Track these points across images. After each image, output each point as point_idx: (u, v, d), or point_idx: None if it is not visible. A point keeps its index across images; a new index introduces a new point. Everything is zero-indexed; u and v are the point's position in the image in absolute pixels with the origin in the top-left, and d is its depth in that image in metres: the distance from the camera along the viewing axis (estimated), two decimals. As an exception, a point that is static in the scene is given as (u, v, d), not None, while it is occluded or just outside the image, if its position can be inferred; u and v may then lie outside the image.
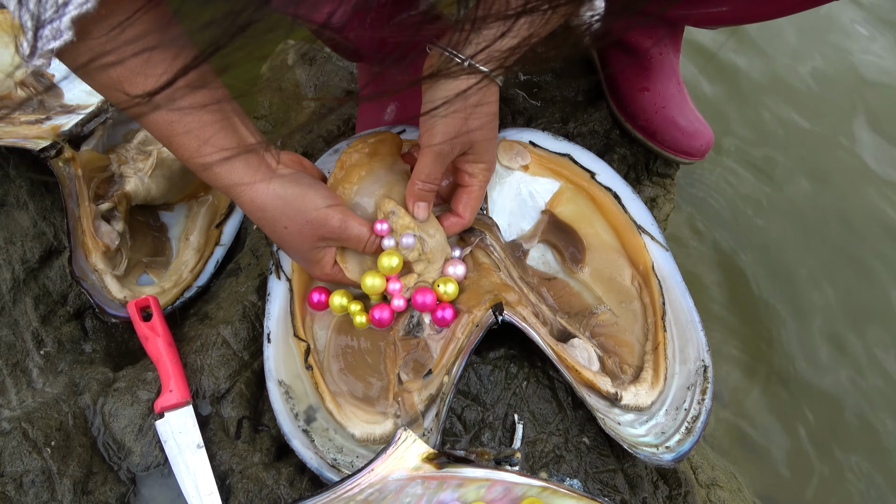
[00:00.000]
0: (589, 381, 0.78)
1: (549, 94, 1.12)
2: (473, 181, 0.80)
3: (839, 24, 1.75)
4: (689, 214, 1.44)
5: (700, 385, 0.82)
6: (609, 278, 0.89)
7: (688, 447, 0.77)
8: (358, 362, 0.81)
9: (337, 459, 0.76)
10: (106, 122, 0.97)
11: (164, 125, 0.68)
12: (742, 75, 1.64)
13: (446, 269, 0.82)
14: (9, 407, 0.80)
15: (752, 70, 1.66)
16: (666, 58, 1.05)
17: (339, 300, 0.83)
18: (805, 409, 1.26)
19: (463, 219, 0.82)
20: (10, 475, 0.73)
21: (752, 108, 1.59)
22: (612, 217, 0.91)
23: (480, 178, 0.79)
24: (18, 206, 0.93)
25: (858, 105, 1.63)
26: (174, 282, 0.94)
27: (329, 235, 0.75)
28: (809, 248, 1.43)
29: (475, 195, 0.81)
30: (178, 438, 0.77)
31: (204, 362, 0.83)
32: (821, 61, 1.68)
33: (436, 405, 0.76)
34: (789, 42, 1.70)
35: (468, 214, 0.81)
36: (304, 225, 0.73)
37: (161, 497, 0.77)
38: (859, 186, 1.52)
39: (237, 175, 0.71)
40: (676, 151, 1.05)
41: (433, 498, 0.66)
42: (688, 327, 0.85)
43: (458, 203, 0.81)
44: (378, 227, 0.78)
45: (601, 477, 0.79)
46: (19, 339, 0.85)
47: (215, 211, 1.03)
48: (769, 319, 1.34)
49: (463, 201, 0.81)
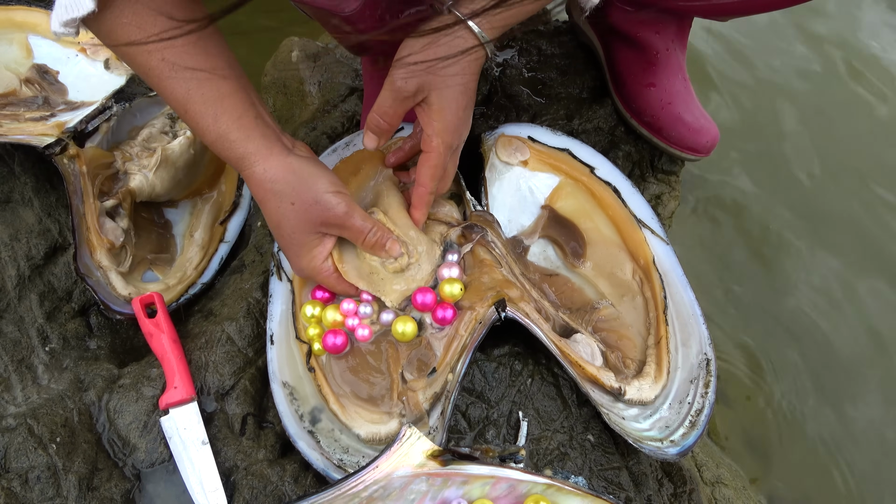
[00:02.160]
0: (592, 376, 0.78)
1: (554, 90, 1.12)
2: (431, 145, 0.75)
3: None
4: (695, 210, 1.44)
5: (703, 378, 0.82)
6: (610, 273, 0.88)
7: (692, 441, 0.77)
8: (361, 363, 0.81)
9: (343, 460, 0.76)
10: (110, 119, 0.97)
11: (182, 93, 0.69)
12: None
13: (440, 273, 0.81)
14: (14, 403, 0.80)
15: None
16: (672, 53, 1.04)
17: (311, 310, 0.82)
18: (812, 407, 1.26)
19: (424, 187, 0.78)
20: (15, 471, 0.74)
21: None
22: (612, 211, 0.91)
23: (437, 141, 0.74)
24: (24, 203, 0.93)
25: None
26: (179, 279, 0.94)
27: (333, 221, 0.75)
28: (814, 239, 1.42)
29: (432, 161, 0.76)
30: (183, 435, 0.77)
31: (208, 359, 0.83)
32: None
33: (441, 403, 0.76)
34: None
35: (427, 181, 0.78)
36: (311, 204, 0.73)
37: (166, 493, 0.77)
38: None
39: (254, 145, 0.71)
40: (682, 148, 1.05)
41: (438, 495, 0.66)
42: (690, 321, 0.84)
43: (419, 169, 0.78)
44: (344, 308, 0.80)
45: (606, 474, 0.79)
46: (24, 335, 0.86)
47: (220, 208, 1.03)
48: (774, 316, 1.34)
49: (422, 167, 0.77)
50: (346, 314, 0.81)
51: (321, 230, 0.76)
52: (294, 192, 0.72)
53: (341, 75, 1.21)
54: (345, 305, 0.81)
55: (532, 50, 1.17)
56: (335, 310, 0.81)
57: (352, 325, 0.81)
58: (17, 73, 1.03)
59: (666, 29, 1.03)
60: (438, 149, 0.75)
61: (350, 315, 0.81)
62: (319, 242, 0.77)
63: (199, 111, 0.70)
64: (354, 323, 0.81)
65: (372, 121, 0.75)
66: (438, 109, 0.73)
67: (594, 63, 1.15)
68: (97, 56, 1.07)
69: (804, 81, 1.65)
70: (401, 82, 0.71)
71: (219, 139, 0.71)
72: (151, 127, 1.01)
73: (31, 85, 1.02)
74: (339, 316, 0.81)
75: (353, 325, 0.81)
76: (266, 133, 0.73)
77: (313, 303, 0.82)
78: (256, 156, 0.72)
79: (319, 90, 1.21)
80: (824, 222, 1.46)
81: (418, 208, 0.81)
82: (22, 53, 1.06)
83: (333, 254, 0.79)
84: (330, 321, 0.81)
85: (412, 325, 0.78)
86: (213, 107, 0.70)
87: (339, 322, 0.81)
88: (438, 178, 0.78)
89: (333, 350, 0.80)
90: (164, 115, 1.04)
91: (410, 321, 0.78)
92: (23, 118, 0.95)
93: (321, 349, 0.80)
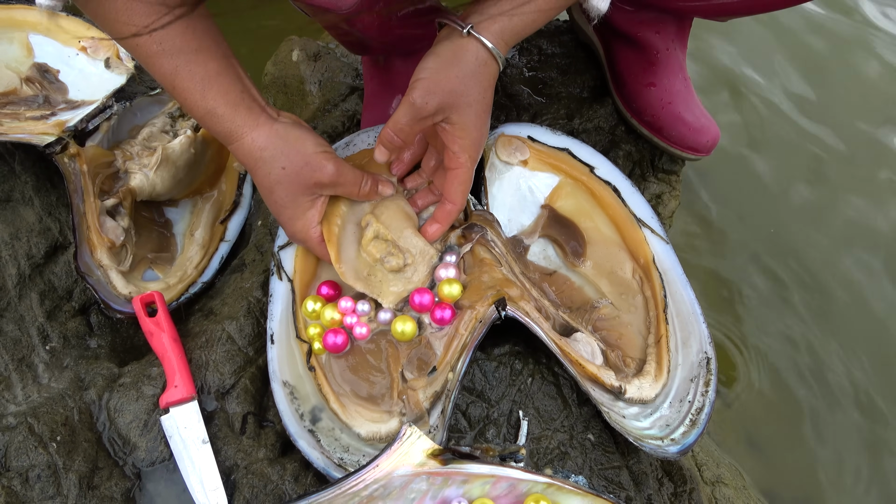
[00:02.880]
0: (593, 374, 0.78)
1: (555, 90, 1.12)
2: (459, 162, 0.77)
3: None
4: (694, 209, 1.44)
5: (703, 377, 0.82)
6: (610, 272, 0.89)
7: (693, 439, 0.77)
8: (361, 362, 0.81)
9: (343, 459, 0.76)
10: (111, 118, 0.97)
11: (170, 70, 0.70)
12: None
13: (437, 274, 0.81)
14: (14, 402, 0.80)
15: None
16: (672, 53, 1.04)
17: (313, 305, 0.82)
18: (813, 405, 1.26)
19: (455, 204, 0.80)
20: (16, 470, 0.74)
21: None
22: (611, 211, 0.91)
23: (464, 157, 0.77)
24: (24, 202, 0.93)
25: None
26: (179, 277, 0.94)
27: (325, 181, 0.76)
28: (819, 241, 1.42)
29: (462, 178, 0.78)
30: (184, 434, 0.77)
31: (209, 358, 0.83)
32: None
33: (441, 402, 0.76)
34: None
35: (458, 198, 0.80)
36: (302, 166, 0.74)
37: (166, 492, 0.77)
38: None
39: (241, 118, 0.73)
40: (682, 147, 1.05)
41: (438, 494, 0.66)
42: (690, 320, 0.84)
43: (448, 187, 0.79)
44: (342, 306, 0.81)
45: (606, 473, 0.79)
46: (25, 334, 0.86)
47: (220, 207, 1.03)
48: (776, 317, 1.34)
49: (451, 184, 0.79)
50: (344, 312, 0.81)
51: (314, 191, 0.77)
52: (284, 156, 0.74)
53: (342, 74, 1.21)
54: (342, 303, 0.81)
55: (532, 49, 1.17)
56: (333, 308, 0.81)
57: (350, 324, 0.81)
58: (18, 72, 1.03)
59: (666, 29, 1.03)
60: (466, 164, 0.77)
61: (348, 313, 0.81)
62: (312, 205, 0.78)
63: (187, 87, 0.71)
64: (353, 321, 0.81)
65: (386, 136, 0.76)
66: (462, 128, 0.75)
67: (595, 62, 1.15)
68: (97, 55, 1.07)
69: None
70: (421, 101, 0.72)
71: (206, 114, 0.73)
72: (152, 126, 1.01)
73: (31, 84, 1.02)
74: (337, 314, 0.81)
75: (351, 322, 0.81)
76: (252, 106, 0.74)
77: (315, 298, 0.83)
78: (244, 128, 0.73)
79: (320, 89, 1.21)
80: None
81: (442, 223, 0.82)
82: (22, 52, 1.06)
83: (332, 251, 0.79)
84: (328, 320, 0.81)
85: (412, 325, 0.78)
86: (200, 83, 0.71)
87: (338, 321, 0.81)
88: (468, 193, 0.81)
89: (334, 349, 0.80)
90: (164, 115, 1.04)
91: (410, 321, 0.78)
92: (23, 117, 0.95)
93: (321, 348, 0.80)
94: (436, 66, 0.72)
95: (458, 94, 0.73)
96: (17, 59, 1.05)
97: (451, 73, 0.72)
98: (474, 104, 0.74)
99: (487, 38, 0.72)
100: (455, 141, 0.76)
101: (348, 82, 1.19)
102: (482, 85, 0.74)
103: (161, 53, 0.69)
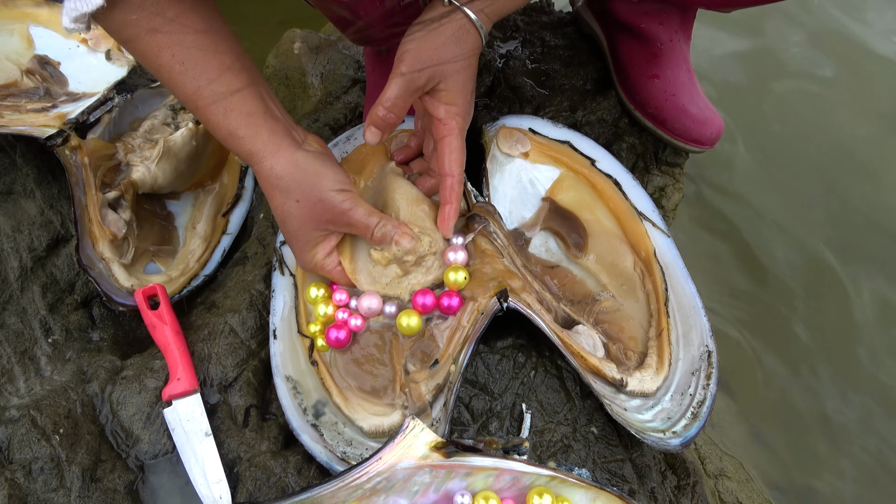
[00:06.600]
0: (594, 367, 0.78)
1: (558, 82, 1.11)
2: (448, 128, 0.76)
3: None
4: (698, 202, 1.43)
5: (705, 370, 0.82)
6: (611, 265, 0.88)
7: (694, 432, 0.77)
8: (364, 355, 0.81)
9: (346, 452, 0.76)
10: (112, 110, 0.97)
11: (193, 89, 0.70)
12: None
13: (447, 256, 0.81)
14: (17, 395, 0.80)
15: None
16: (676, 44, 1.03)
17: (316, 291, 0.82)
18: (817, 398, 1.25)
19: (453, 176, 0.78)
20: (19, 462, 0.74)
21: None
22: (612, 204, 0.91)
23: (453, 123, 0.75)
24: (25, 195, 0.93)
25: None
26: (181, 270, 0.94)
27: (337, 219, 0.75)
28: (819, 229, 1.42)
29: (454, 145, 0.76)
30: (186, 426, 0.78)
31: (211, 351, 0.83)
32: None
33: (443, 395, 0.76)
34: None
35: (455, 168, 0.77)
36: (316, 202, 0.74)
37: (169, 485, 0.77)
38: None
39: (262, 141, 0.72)
40: (686, 139, 1.04)
41: (441, 487, 0.66)
42: (691, 313, 0.84)
43: (441, 158, 0.77)
44: (336, 298, 0.81)
45: (609, 466, 0.79)
46: (27, 327, 0.86)
47: (222, 200, 1.03)
48: (778, 310, 1.34)
49: (443, 154, 0.77)
50: (339, 304, 0.81)
51: (326, 227, 0.77)
52: (299, 190, 0.73)
53: (344, 67, 1.20)
54: (337, 296, 0.81)
55: (535, 41, 1.16)
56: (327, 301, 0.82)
57: (343, 318, 0.80)
58: (19, 64, 1.03)
59: (670, 20, 1.03)
60: (455, 130, 0.76)
61: (342, 306, 0.81)
62: (324, 238, 0.78)
63: (209, 108, 0.71)
64: (345, 316, 0.80)
65: (377, 114, 0.75)
66: (450, 93, 0.74)
67: (598, 54, 1.15)
68: (98, 47, 1.07)
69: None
70: (412, 74, 0.71)
71: (228, 136, 0.72)
72: (153, 118, 1.01)
73: (32, 76, 1.02)
74: (331, 308, 0.81)
75: (345, 316, 0.80)
76: (275, 128, 0.73)
77: (318, 284, 0.82)
78: (264, 153, 0.72)
79: (322, 82, 1.21)
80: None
81: (452, 202, 0.79)
82: (23, 44, 1.05)
83: (344, 260, 0.79)
84: (331, 310, 0.81)
85: (417, 319, 0.78)
86: (222, 104, 0.70)
87: (331, 316, 0.81)
88: (463, 162, 0.78)
89: (336, 345, 0.80)
90: (165, 107, 1.04)
91: (415, 315, 0.78)
92: (24, 109, 0.94)
93: (325, 345, 0.80)
94: (422, 34, 0.72)
95: (446, 60, 0.73)
96: (17, 50, 1.05)
97: (438, 41, 0.72)
98: (461, 70, 0.74)
99: (470, 9, 0.72)
100: (443, 107, 0.75)
101: (350, 74, 1.18)
102: (466, 52, 0.74)
103: (183, 72, 0.69)
